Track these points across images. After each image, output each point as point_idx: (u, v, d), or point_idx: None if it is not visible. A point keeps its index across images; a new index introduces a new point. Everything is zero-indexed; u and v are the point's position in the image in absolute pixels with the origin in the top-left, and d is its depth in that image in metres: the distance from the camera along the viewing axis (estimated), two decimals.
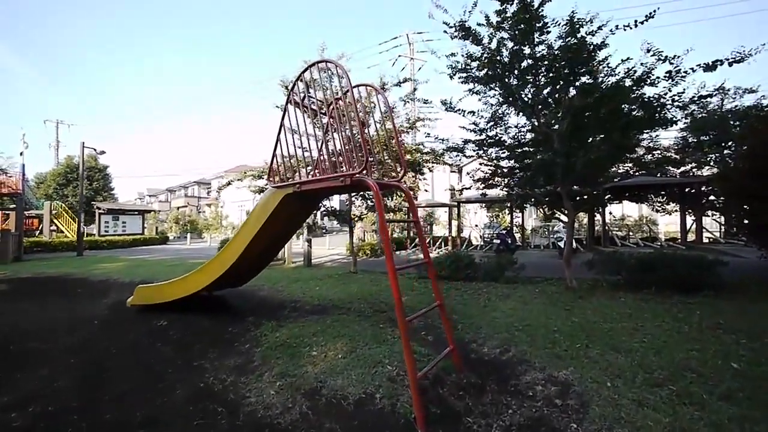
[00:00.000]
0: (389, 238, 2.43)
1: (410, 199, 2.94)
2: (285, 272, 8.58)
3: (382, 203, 2.46)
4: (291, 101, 3.19)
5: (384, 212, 2.48)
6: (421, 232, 2.91)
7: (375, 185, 2.52)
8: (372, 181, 2.54)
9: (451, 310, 4.52)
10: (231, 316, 4.64)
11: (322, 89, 5.81)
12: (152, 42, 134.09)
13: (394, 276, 2.33)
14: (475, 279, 6.53)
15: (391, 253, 2.40)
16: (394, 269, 2.34)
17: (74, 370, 3.09)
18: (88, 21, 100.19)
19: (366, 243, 13.14)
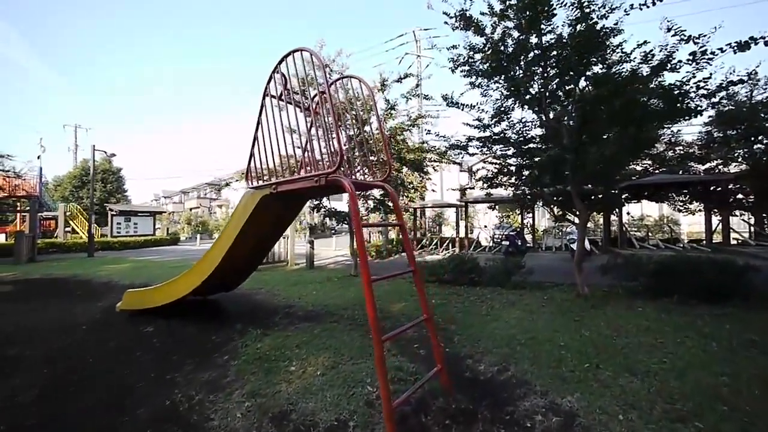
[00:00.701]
0: (364, 244, 2.15)
1: (395, 199, 2.66)
2: (286, 274, 8.42)
3: (357, 205, 2.20)
4: (268, 95, 2.95)
5: (359, 214, 2.21)
6: (406, 236, 2.63)
7: (350, 186, 2.25)
8: (347, 181, 2.27)
9: (449, 318, 4.21)
10: (220, 322, 4.46)
11: (305, 82, 5.58)
12: (153, 42, 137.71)
13: (369, 288, 2.06)
14: (479, 284, 6.18)
15: (366, 260, 2.12)
16: (370, 280, 2.07)
17: (45, 380, 2.94)
18: (91, 21, 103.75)
19: (371, 245, 12.89)
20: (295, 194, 2.95)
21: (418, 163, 8.02)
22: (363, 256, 2.12)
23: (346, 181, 2.27)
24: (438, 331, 3.75)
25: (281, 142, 2.87)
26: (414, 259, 2.61)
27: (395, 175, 8.40)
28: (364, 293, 2.06)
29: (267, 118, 2.93)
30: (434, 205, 14.73)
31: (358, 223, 2.17)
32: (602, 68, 4.77)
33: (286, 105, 3.13)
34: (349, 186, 2.25)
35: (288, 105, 2.99)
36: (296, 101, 3.03)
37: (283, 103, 3.16)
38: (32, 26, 72.87)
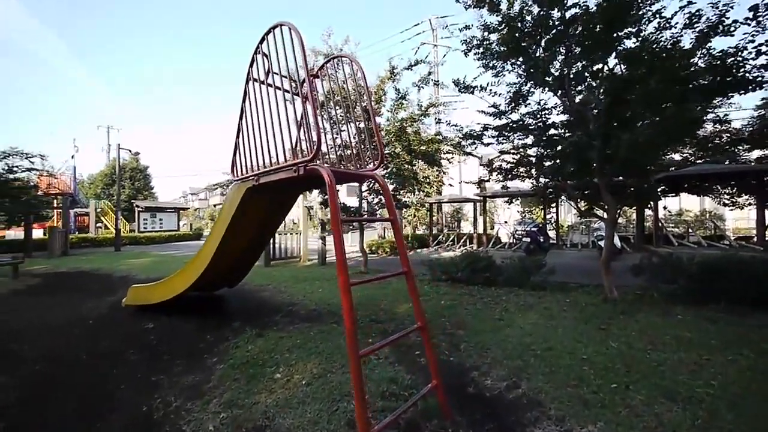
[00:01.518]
0: (342, 241, 1.86)
1: (386, 192, 2.35)
2: (296, 271, 8.31)
3: (337, 197, 1.91)
4: (250, 79, 2.71)
5: (338, 208, 1.92)
6: (398, 233, 2.31)
7: (328, 175, 1.96)
8: (326, 170, 1.98)
9: (458, 322, 3.86)
10: (220, 319, 4.34)
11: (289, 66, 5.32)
12: (166, 42, 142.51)
13: (347, 294, 1.78)
14: (494, 284, 5.75)
15: (344, 261, 1.83)
16: (347, 285, 1.78)
17: (32, 379, 2.89)
18: (122, 21, 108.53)
19: (386, 240, 12.62)
20: (279, 186, 2.70)
21: (430, 156, 7.60)
22: (340, 256, 1.83)
23: (324, 171, 1.98)
24: (444, 337, 3.43)
25: (265, 131, 2.63)
26: (407, 259, 2.30)
27: (408, 170, 8.04)
28: (342, 300, 1.77)
29: (250, 106, 2.69)
30: (450, 200, 14.20)
31: (337, 218, 1.88)
32: (636, 42, 4.19)
33: (275, 90, 2.88)
34: (328, 176, 1.96)
35: (275, 90, 2.74)
36: (282, 86, 2.77)
37: (270, 89, 2.91)
38: (69, 27, 77.42)
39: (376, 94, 7.28)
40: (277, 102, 2.47)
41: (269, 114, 2.46)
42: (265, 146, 2.50)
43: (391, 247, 11.77)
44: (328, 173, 1.98)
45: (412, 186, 10.12)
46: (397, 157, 7.82)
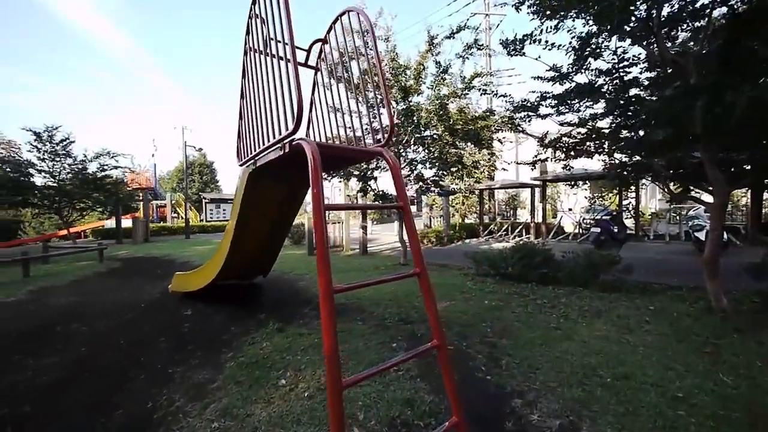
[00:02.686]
0: (324, 233, 1.44)
1: (395, 172, 1.85)
2: (337, 261, 8.21)
3: (320, 178, 1.47)
4: (250, 50, 2.38)
5: (320, 190, 1.48)
6: (410, 222, 1.80)
7: (312, 151, 1.53)
8: (310, 146, 1.55)
9: (501, 329, 3.23)
10: (250, 309, 4.30)
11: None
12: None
13: (328, 302, 1.35)
14: (553, 282, 4.88)
15: (325, 257, 1.41)
16: (330, 290, 1.36)
17: (71, 362, 3.04)
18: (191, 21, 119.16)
19: (432, 230, 11.99)
20: (277, 168, 2.35)
21: (474, 135, 6.74)
22: (321, 249, 1.41)
23: (308, 146, 1.55)
24: (482, 347, 2.86)
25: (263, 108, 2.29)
26: (421, 257, 1.79)
27: (451, 153, 7.30)
28: (321, 312, 1.35)
29: (247, 82, 2.38)
30: (503, 186, 12.88)
31: (320, 204, 1.46)
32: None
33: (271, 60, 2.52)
34: (312, 152, 1.53)
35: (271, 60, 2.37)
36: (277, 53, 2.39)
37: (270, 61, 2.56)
38: (150, 37, 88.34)
39: (415, 70, 6.64)
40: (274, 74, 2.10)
41: (265, 88, 2.11)
42: (263, 125, 2.16)
43: (437, 237, 11.12)
44: (312, 148, 1.55)
45: (458, 171, 9.31)
46: (440, 140, 7.12)
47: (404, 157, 7.45)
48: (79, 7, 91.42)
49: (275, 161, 2.06)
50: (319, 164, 1.53)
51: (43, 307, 4.78)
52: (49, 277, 6.82)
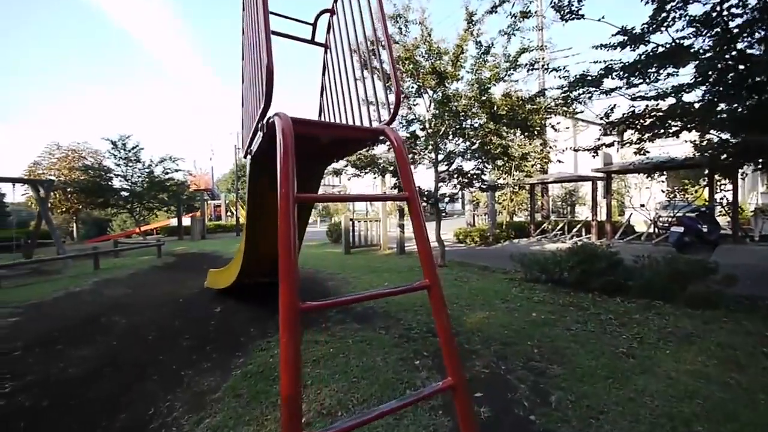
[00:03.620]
0: (290, 232, 1.08)
1: (401, 154, 1.42)
2: (372, 259, 7.94)
3: (290, 160, 1.11)
4: (244, 30, 2.11)
5: (289, 179, 1.12)
6: (417, 219, 1.36)
7: (284, 126, 1.18)
8: (282, 122, 1.20)
9: (551, 352, 2.62)
10: (273, 310, 4.14)
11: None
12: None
13: (290, 328, 1.00)
14: (621, 292, 4.03)
15: (291, 267, 1.05)
16: (295, 309, 1.00)
17: (100, 356, 3.10)
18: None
19: (475, 228, 11.18)
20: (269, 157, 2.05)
21: (519, 121, 5.93)
22: (286, 257, 1.05)
23: (280, 123, 1.20)
24: (526, 373, 2.30)
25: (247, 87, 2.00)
26: (432, 265, 1.35)
27: (494, 143, 6.57)
28: (280, 335, 1.00)
29: (243, 58, 2.12)
30: (558, 180, 11.49)
31: (288, 194, 1.10)
32: None
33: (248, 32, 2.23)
34: (283, 128, 1.18)
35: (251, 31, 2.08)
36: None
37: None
38: (209, 50, 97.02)
39: (453, 55, 6.05)
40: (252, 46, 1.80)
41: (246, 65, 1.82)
42: (248, 107, 1.88)
43: (481, 237, 10.30)
44: (285, 124, 1.20)
45: (505, 164, 8.44)
46: (481, 129, 6.44)
47: (442, 150, 6.89)
48: (164, 41, 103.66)
49: (267, 148, 1.76)
50: (291, 143, 1.17)
51: (98, 297, 5.19)
52: (113, 270, 7.54)
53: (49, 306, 4.77)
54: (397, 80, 1.65)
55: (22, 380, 2.67)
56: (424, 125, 6.69)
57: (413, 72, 6.17)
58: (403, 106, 6.71)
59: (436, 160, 6.67)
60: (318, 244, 12.12)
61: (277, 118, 1.24)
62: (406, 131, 6.73)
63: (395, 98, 1.59)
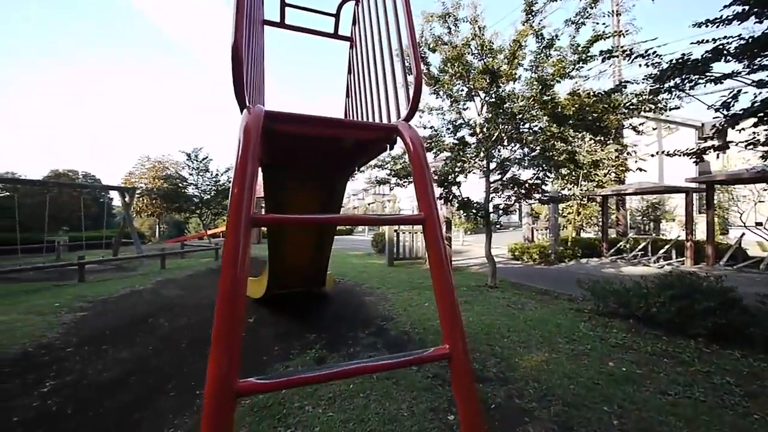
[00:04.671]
0: (238, 255, 0.73)
1: (417, 158, 1.01)
2: (415, 274, 7.47)
3: (252, 160, 0.78)
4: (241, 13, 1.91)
5: (248, 185, 0.79)
6: (435, 240, 0.93)
7: (250, 121, 0.87)
8: (252, 115, 0.89)
9: (641, 426, 1.91)
10: (303, 325, 3.97)
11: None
12: None
13: (215, 423, 0.64)
14: (739, 343, 3.01)
15: (237, 310, 0.70)
16: (227, 390, 0.65)
17: (134, 361, 3.14)
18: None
19: (534, 245, 10.02)
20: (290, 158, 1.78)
21: (593, 123, 5.01)
22: (227, 293, 0.72)
23: (245, 118, 0.89)
24: None
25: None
26: (456, 327, 0.91)
27: (558, 149, 5.72)
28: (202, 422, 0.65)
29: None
30: (639, 191, 9.78)
31: (239, 208, 0.77)
32: None
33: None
34: (247, 123, 0.87)
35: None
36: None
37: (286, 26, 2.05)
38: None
39: (509, 52, 5.43)
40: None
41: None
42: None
43: (540, 254, 9.16)
44: (251, 119, 0.88)
45: (570, 172, 7.40)
46: (542, 133, 5.66)
47: (495, 157, 6.22)
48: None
49: (277, 146, 1.49)
50: (253, 143, 0.85)
51: (155, 297, 5.54)
52: (176, 270, 8.19)
53: (113, 303, 5.20)
54: (418, 65, 1.25)
55: (61, 380, 2.76)
56: (475, 130, 6.11)
57: (463, 73, 5.68)
58: (452, 110, 6.23)
59: (488, 168, 6.03)
60: (362, 254, 11.97)
61: (246, 111, 0.93)
62: (453, 137, 6.22)
63: (414, 87, 1.19)
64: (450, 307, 0.91)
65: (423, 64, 5.74)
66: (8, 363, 3.03)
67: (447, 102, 6.25)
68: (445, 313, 0.91)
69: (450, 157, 6.27)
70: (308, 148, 1.48)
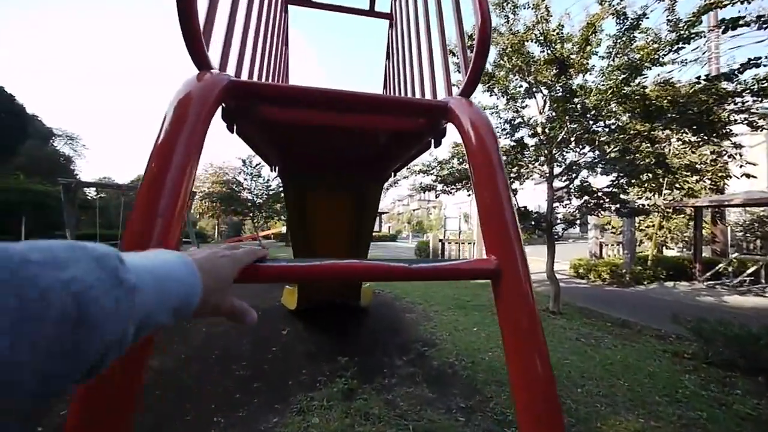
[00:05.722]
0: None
1: (481, 147, 0.57)
2: (463, 289, 6.82)
3: (185, 139, 0.42)
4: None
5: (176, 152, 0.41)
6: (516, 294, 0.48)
7: (202, 82, 0.49)
8: (206, 82, 0.52)
9: None
10: (335, 345, 3.64)
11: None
12: None
13: None
14: None
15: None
16: None
17: (162, 372, 3.04)
18: None
19: (603, 262, 8.69)
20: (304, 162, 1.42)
21: (698, 117, 3.97)
22: None
23: (196, 84, 0.52)
24: None
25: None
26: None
27: (646, 151, 4.76)
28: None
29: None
30: (750, 202, 7.94)
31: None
32: None
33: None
34: (202, 86, 0.50)
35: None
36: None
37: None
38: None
39: (581, 37, 4.65)
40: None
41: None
42: None
43: (615, 273, 7.87)
44: (205, 84, 0.51)
45: (651, 179, 6.19)
46: (622, 131, 4.74)
47: (559, 162, 5.39)
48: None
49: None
50: (200, 115, 0.47)
51: None
52: None
53: None
54: (485, 11, 0.80)
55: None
56: (535, 131, 5.36)
57: (522, 66, 5.00)
58: (508, 109, 5.54)
59: (551, 173, 5.22)
60: None
61: (196, 76, 0.57)
62: (510, 139, 5.52)
63: (477, 41, 0.74)
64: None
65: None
66: None
67: (503, 100, 5.59)
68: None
69: (505, 161, 5.58)
70: (329, 145, 1.10)
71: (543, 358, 0.52)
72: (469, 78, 0.74)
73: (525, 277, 0.55)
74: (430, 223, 27.87)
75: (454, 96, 0.73)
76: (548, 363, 0.52)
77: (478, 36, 0.71)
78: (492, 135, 0.64)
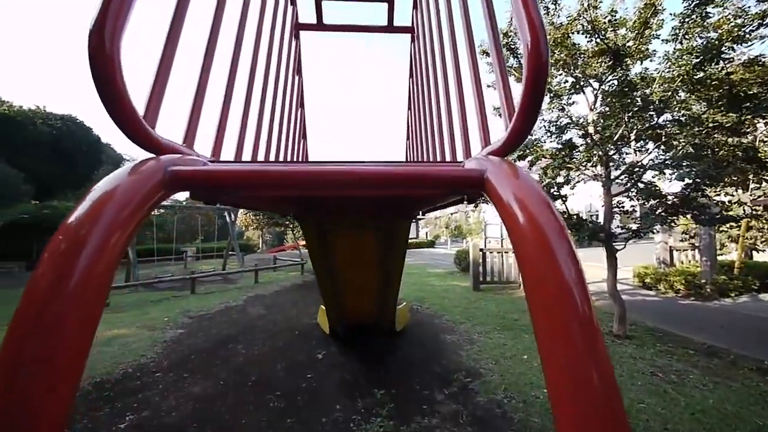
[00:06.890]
0: None
1: (534, 229, 0.33)
2: (509, 305, 6.29)
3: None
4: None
5: None
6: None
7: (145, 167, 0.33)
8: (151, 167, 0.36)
9: None
10: (371, 375, 3.44)
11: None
12: None
13: None
14: None
15: None
16: None
17: (200, 400, 3.05)
18: None
19: (674, 270, 7.59)
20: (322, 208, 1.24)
21: None
22: None
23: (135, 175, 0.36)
24: None
25: None
26: None
27: (730, 146, 4.02)
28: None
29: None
30: None
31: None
32: None
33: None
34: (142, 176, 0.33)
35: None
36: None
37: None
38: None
39: (638, 20, 4.06)
40: None
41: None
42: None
43: (692, 284, 6.80)
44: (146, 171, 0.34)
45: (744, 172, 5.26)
46: (696, 124, 4.03)
47: (616, 162, 4.75)
48: None
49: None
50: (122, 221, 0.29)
51: (241, 317, 5.79)
52: (266, 285, 8.76)
53: (207, 320, 5.60)
54: (536, 26, 0.55)
55: (137, 415, 2.80)
56: (586, 130, 4.78)
57: (567, 60, 4.50)
58: (553, 107, 5.02)
59: (608, 177, 4.62)
60: (444, 273, 11.07)
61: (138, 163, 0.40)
62: (557, 141, 4.99)
63: (526, 83, 0.49)
64: None
65: (513, 57, 4.76)
66: (108, 385, 3.28)
67: (546, 98, 5.08)
68: None
69: (551, 165, 5.04)
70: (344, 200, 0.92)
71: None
72: (514, 128, 0.50)
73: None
74: (469, 227, 26.85)
75: (492, 156, 0.49)
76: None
77: (528, 63, 0.47)
78: (548, 213, 0.40)
